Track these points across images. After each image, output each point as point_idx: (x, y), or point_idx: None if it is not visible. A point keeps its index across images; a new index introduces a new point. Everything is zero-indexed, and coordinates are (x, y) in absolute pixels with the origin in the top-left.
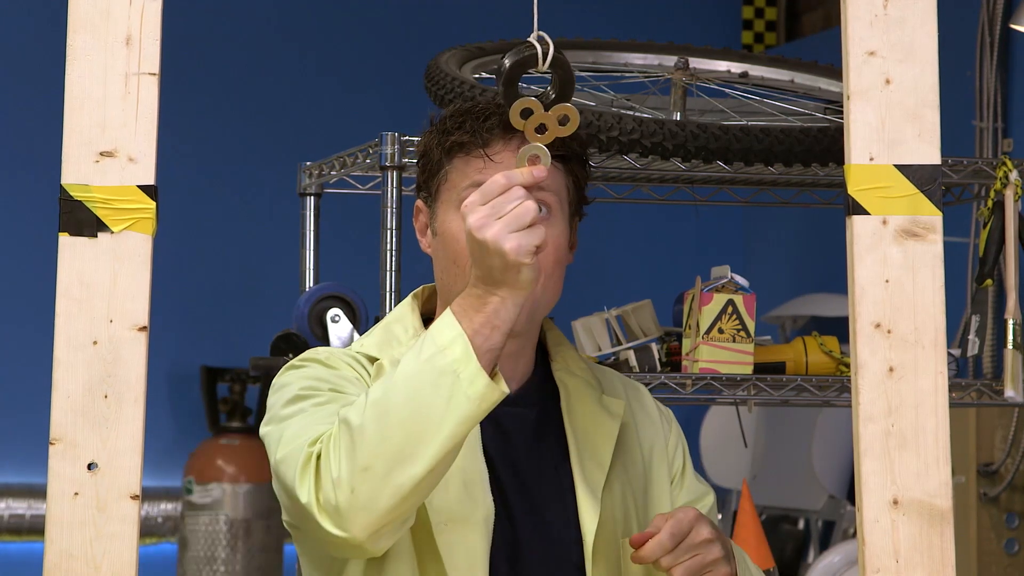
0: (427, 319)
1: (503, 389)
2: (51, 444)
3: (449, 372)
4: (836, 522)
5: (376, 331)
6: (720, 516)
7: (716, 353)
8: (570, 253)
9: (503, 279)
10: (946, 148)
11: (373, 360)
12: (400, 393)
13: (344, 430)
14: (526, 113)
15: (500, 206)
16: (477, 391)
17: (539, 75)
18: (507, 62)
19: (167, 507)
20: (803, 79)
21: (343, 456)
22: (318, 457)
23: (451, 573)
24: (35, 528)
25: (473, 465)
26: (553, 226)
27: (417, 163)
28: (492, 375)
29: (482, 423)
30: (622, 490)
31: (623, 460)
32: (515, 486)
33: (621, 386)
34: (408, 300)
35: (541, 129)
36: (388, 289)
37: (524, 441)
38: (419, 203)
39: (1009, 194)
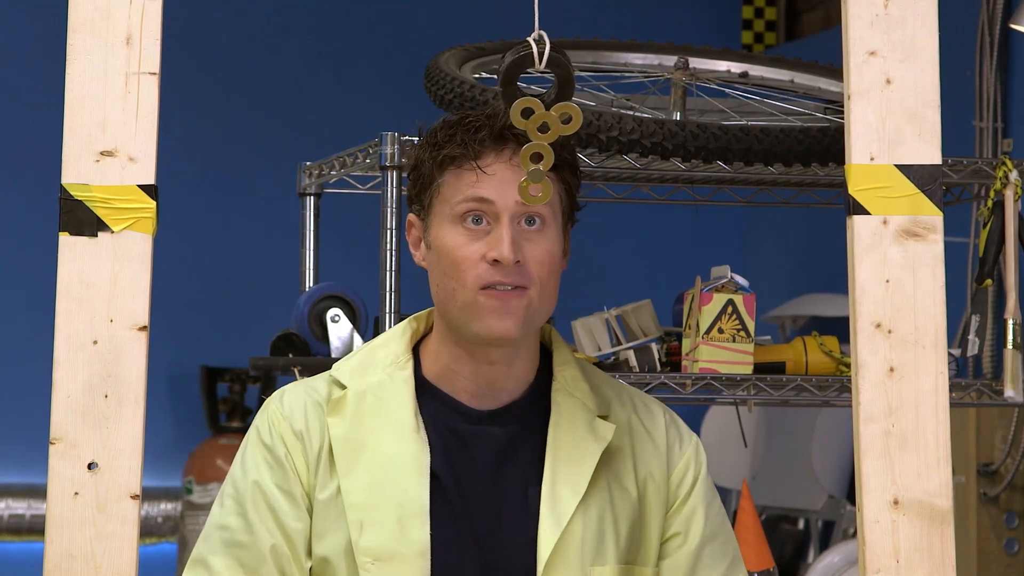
0: (426, 335)
1: None
2: (51, 444)
3: None
4: (836, 522)
5: (361, 352)
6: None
7: (716, 353)
8: (564, 260)
9: None
10: (946, 148)
11: (343, 387)
12: None
13: None
14: (527, 112)
15: None
16: None
17: (541, 75)
18: (505, 62)
19: (167, 507)
20: (803, 79)
21: None
22: None
23: None
24: (35, 528)
25: (412, 498)
26: (546, 237)
27: (408, 176)
28: None
29: (438, 444)
30: (600, 516)
31: (608, 485)
32: (466, 513)
33: (630, 407)
34: (404, 323)
35: (544, 128)
36: (388, 289)
37: (487, 463)
38: (412, 217)
39: (1009, 194)
